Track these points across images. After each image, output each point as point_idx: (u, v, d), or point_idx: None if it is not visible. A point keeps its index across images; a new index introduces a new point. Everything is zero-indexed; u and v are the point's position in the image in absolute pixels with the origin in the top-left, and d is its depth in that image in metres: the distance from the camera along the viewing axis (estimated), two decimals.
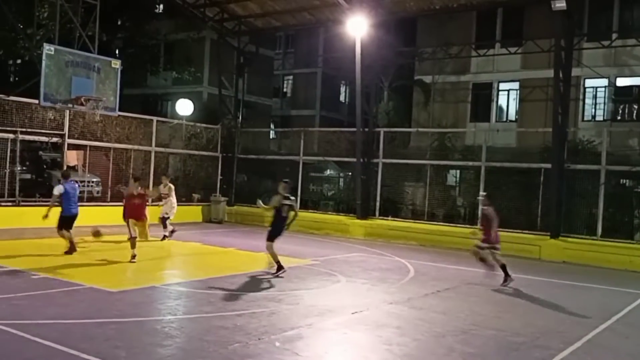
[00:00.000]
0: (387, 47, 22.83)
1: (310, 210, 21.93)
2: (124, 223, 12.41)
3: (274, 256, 11.20)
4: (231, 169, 23.67)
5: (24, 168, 18.06)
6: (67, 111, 17.32)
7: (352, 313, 8.57)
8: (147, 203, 13.12)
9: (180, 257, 14.11)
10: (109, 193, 19.23)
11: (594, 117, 25.90)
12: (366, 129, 20.09)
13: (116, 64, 17.84)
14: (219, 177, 23.42)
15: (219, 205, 22.44)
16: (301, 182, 22.13)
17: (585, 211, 16.90)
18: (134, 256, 11.85)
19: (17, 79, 31.18)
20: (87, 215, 17.43)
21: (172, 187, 16.14)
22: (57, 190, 12.24)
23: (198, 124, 23.37)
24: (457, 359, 6.70)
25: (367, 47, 19.32)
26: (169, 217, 15.74)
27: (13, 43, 24.94)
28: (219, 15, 23.47)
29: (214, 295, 9.28)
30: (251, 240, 16.82)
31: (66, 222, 12.32)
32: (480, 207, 12.97)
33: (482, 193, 13.16)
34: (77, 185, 12.91)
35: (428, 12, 21.81)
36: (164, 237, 15.49)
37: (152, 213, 13.68)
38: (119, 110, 18.05)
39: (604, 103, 25.77)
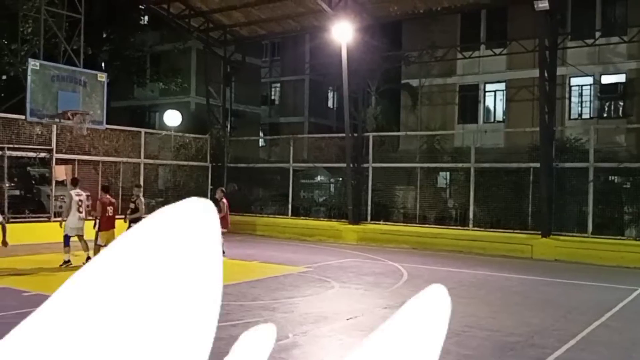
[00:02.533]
0: (373, 51, 22.90)
1: (302, 217, 21.90)
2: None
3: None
4: (221, 179, 23.59)
5: (12, 184, 17.93)
6: (54, 126, 17.22)
7: (347, 319, 8.55)
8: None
9: None
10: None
11: (580, 115, 26.09)
12: (355, 134, 20.11)
13: (102, 77, 17.76)
14: (210, 186, 23.35)
15: None
16: (292, 189, 22.09)
17: (576, 209, 16.99)
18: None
19: (2, 95, 30.96)
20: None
21: None
22: None
23: (187, 135, 23.30)
24: None
25: (353, 52, 19.38)
26: None
27: None
28: (204, 26, 23.44)
29: None
30: (243, 250, 16.77)
31: None
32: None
33: (222, 188, 14.77)
34: None
35: (412, 15, 21.87)
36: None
37: None
38: (107, 123, 17.98)
39: (590, 101, 25.98)
